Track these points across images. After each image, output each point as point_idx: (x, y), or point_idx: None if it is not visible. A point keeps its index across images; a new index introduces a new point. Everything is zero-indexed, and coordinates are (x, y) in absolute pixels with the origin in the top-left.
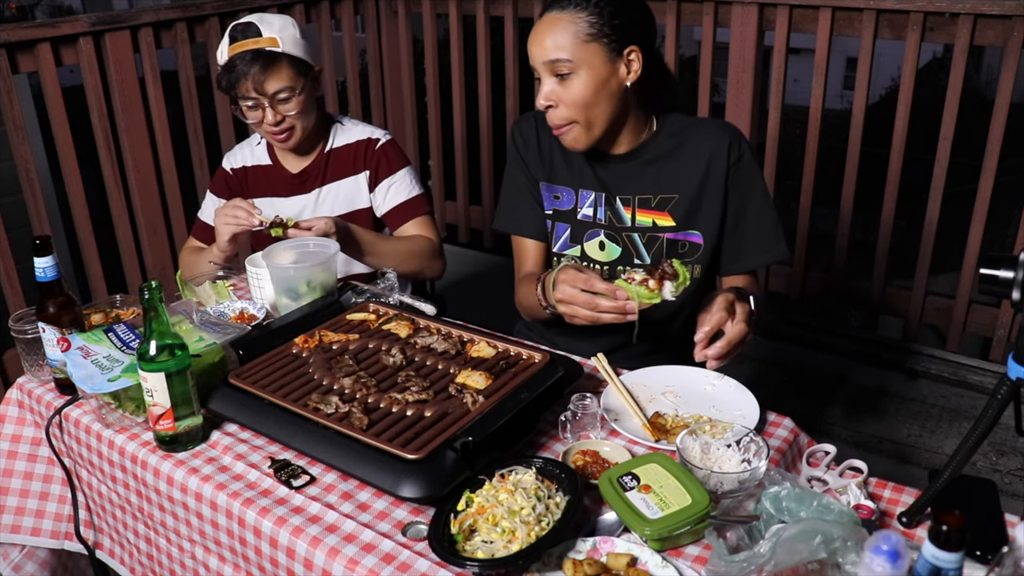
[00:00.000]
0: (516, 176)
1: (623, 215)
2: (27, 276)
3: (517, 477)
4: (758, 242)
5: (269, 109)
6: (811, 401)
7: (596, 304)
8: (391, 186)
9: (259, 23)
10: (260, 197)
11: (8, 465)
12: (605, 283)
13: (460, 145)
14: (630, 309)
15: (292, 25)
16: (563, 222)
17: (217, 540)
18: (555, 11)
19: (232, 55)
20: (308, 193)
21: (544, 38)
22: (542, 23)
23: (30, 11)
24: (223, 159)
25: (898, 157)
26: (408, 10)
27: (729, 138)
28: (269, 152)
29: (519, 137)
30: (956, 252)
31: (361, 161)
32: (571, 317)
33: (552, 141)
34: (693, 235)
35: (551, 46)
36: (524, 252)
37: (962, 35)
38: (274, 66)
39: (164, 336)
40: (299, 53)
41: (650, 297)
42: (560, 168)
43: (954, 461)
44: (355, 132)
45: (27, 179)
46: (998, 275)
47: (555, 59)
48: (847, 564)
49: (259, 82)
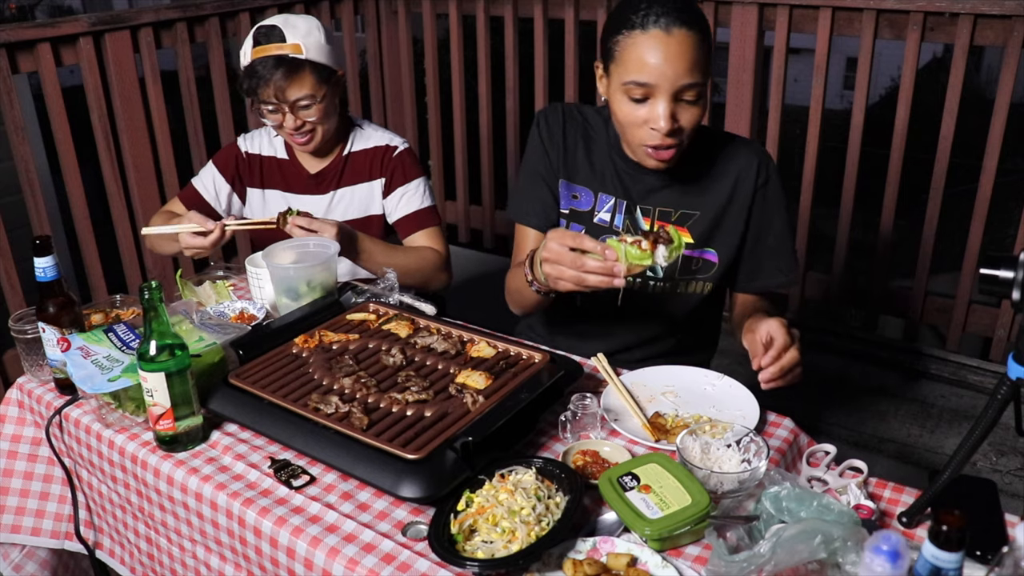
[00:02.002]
0: (535, 163)
1: (641, 224)
2: (27, 276)
3: (517, 477)
4: (778, 264)
5: (290, 114)
6: (811, 401)
7: (583, 263)
8: (404, 195)
9: (283, 27)
10: (273, 189)
11: (8, 465)
12: (594, 241)
13: (460, 145)
14: (617, 272)
15: (318, 29)
16: (578, 223)
17: (218, 540)
18: (683, 28)
19: (254, 59)
20: (323, 194)
21: (680, 59)
22: (672, 41)
23: (30, 11)
24: (239, 138)
25: (898, 157)
26: (408, 10)
27: (758, 161)
28: (287, 146)
29: (544, 126)
30: (956, 252)
31: (378, 167)
32: (555, 279)
33: (578, 138)
34: (709, 253)
35: (690, 68)
36: (524, 242)
37: (962, 35)
38: (297, 73)
39: (164, 336)
40: (323, 59)
41: (640, 259)
42: (583, 168)
43: (954, 461)
44: (374, 138)
45: (27, 179)
46: (998, 275)
47: (693, 83)
48: (847, 564)
49: (281, 89)
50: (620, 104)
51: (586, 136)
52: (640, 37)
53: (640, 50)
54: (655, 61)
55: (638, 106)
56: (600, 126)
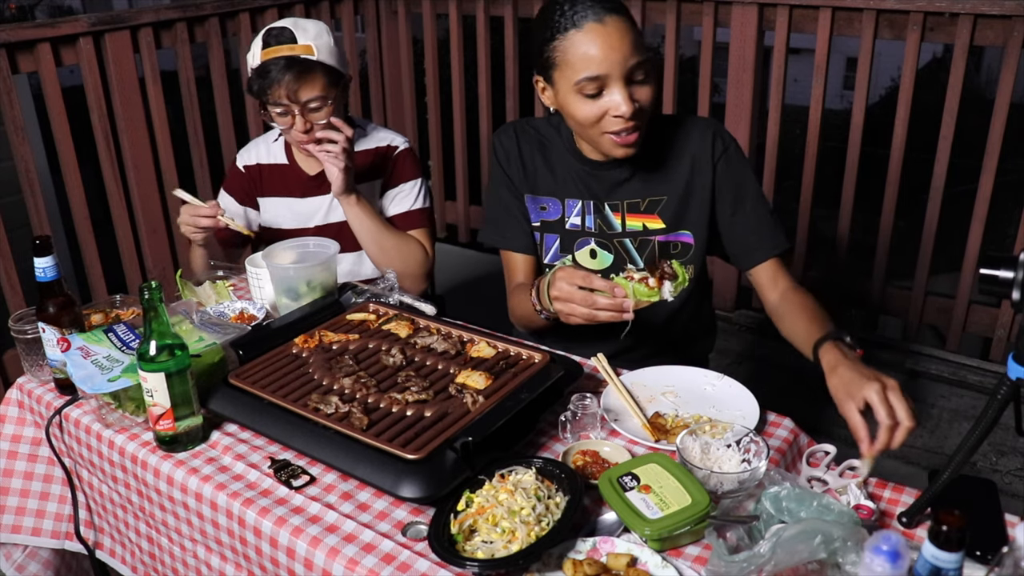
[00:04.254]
0: (500, 190)
1: (612, 221)
2: (27, 276)
3: (517, 477)
4: (770, 226)
5: (299, 117)
6: (811, 401)
7: (594, 301)
8: (399, 194)
9: (294, 29)
10: (273, 196)
11: (8, 465)
12: (603, 280)
13: (460, 145)
14: (627, 307)
15: (327, 32)
16: (551, 233)
17: (218, 540)
18: (612, 14)
19: (265, 60)
20: (324, 195)
21: (622, 42)
22: (608, 28)
23: (30, 11)
24: (236, 156)
25: (898, 157)
26: (408, 10)
27: (712, 134)
28: (286, 151)
29: (500, 150)
30: (956, 252)
31: (378, 167)
32: (567, 316)
33: (534, 152)
34: (684, 235)
35: (633, 48)
36: (514, 265)
37: (962, 35)
38: (308, 75)
39: (164, 336)
40: (333, 62)
41: (648, 295)
42: (544, 178)
43: (954, 461)
44: (375, 138)
45: (27, 179)
46: (998, 275)
47: (640, 61)
48: (847, 564)
49: (292, 90)
50: (576, 105)
51: (542, 147)
52: (577, 35)
53: (582, 47)
54: (600, 52)
55: (594, 101)
56: (553, 134)
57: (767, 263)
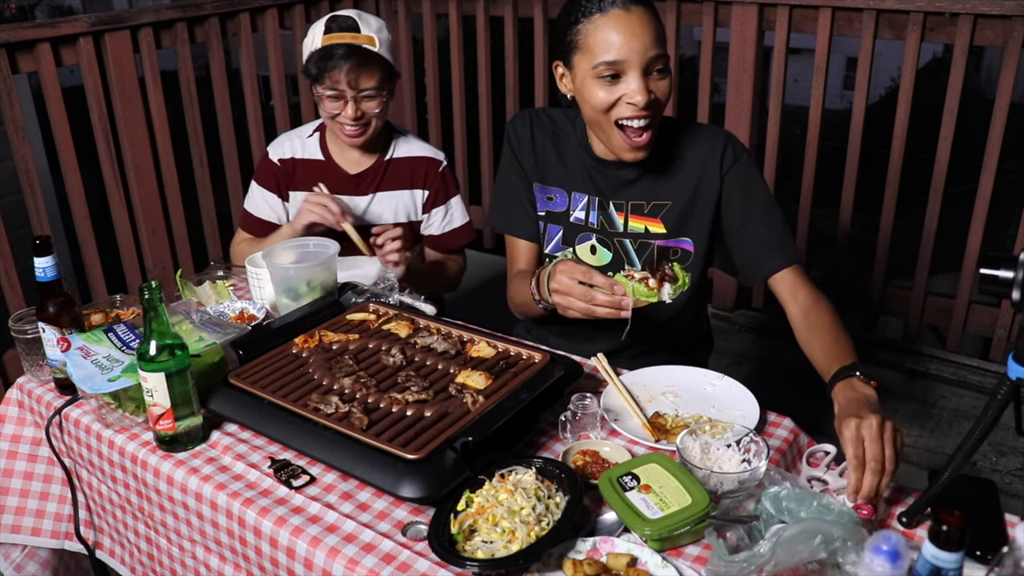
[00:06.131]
0: (510, 175)
1: (616, 220)
2: (27, 276)
3: (517, 477)
4: (779, 239)
5: (351, 103)
6: (811, 401)
7: (592, 297)
8: (447, 211)
9: (358, 19)
10: (306, 191)
11: (8, 465)
12: (604, 277)
13: (460, 145)
14: (625, 305)
15: (386, 29)
16: (555, 224)
17: (217, 540)
18: (638, 5)
19: (328, 44)
20: (362, 196)
21: (644, 32)
22: (633, 17)
23: (30, 11)
24: (268, 149)
25: (898, 157)
26: (408, 10)
27: (723, 145)
28: (322, 148)
29: (514, 136)
30: (956, 252)
31: (421, 178)
32: (565, 309)
33: (547, 141)
34: (684, 242)
35: (655, 40)
36: (517, 252)
37: (962, 35)
38: (368, 64)
39: (164, 336)
40: (389, 58)
41: (648, 295)
42: (554, 169)
43: (954, 461)
44: (415, 147)
45: (27, 179)
46: (998, 275)
47: (659, 54)
48: (847, 564)
49: (352, 77)
50: (592, 90)
51: (555, 137)
52: (601, 20)
53: (605, 31)
54: (622, 38)
55: (611, 87)
56: (568, 127)
57: (783, 274)
